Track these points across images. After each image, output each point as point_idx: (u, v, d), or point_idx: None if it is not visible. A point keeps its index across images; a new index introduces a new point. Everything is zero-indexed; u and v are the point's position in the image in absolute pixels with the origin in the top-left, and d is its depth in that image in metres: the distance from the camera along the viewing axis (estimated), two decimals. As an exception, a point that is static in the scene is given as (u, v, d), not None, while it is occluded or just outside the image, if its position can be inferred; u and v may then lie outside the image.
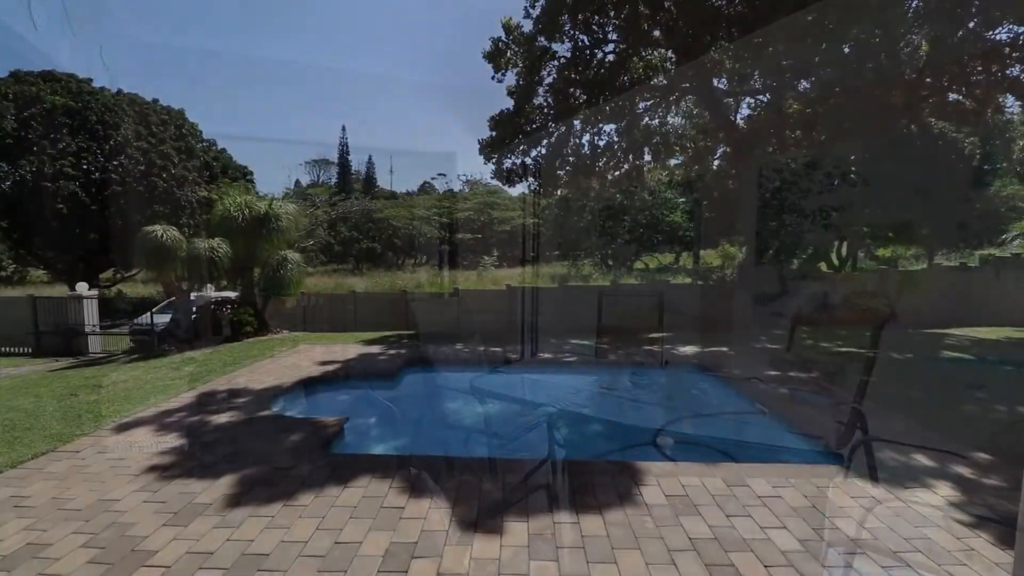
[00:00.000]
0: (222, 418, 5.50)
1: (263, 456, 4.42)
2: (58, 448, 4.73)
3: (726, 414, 6.22)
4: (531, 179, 13.82)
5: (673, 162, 20.41)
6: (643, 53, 15.46)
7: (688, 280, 29.11)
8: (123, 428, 5.29)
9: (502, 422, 6.10)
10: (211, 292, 16.56)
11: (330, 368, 7.74)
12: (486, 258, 42.40)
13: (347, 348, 9.55)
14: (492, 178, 14.07)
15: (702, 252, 32.09)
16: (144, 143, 31.73)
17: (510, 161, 13.62)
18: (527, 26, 13.58)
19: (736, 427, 5.75)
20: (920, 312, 15.41)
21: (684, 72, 14.29)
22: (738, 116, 16.23)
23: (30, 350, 16.43)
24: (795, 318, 12.49)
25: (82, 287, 17.35)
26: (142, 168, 30.93)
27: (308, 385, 6.93)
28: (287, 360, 8.44)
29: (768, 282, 12.75)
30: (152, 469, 4.25)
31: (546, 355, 8.72)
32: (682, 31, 12.29)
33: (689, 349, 9.25)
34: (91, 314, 16.67)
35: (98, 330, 16.78)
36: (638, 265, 41.82)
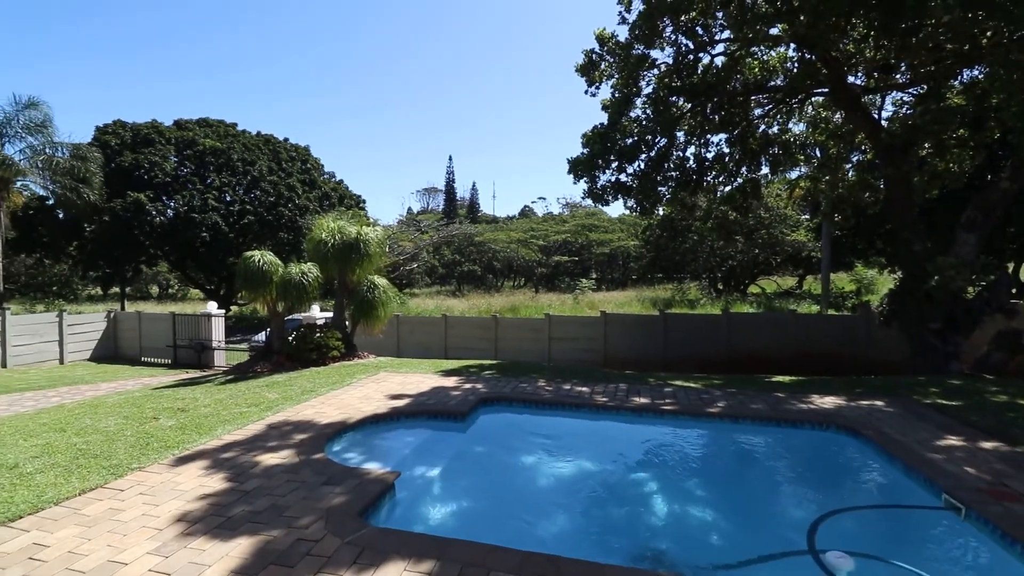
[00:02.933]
0: (273, 459, 5.05)
1: (292, 519, 3.79)
2: (108, 483, 4.52)
3: (898, 507, 4.55)
4: (627, 197, 12.63)
5: (795, 174, 18.03)
6: (758, 52, 13.75)
7: (815, 307, 25.52)
8: (180, 462, 5.03)
9: (572, 495, 4.94)
10: (317, 312, 17.30)
11: (400, 403, 7.17)
12: (583, 281, 41.21)
13: (425, 379, 9.01)
14: (583, 197, 13.09)
15: (831, 275, 28.11)
16: (275, 177, 35.42)
17: (604, 178, 12.57)
18: (622, 35, 12.65)
19: (919, 532, 4.11)
20: None
21: (810, 69, 12.34)
22: (881, 115, 13.75)
23: (169, 361, 18.35)
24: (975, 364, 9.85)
25: (211, 306, 19.08)
26: (272, 199, 34.47)
27: (372, 423, 6.37)
28: (361, 390, 8.05)
29: (930, 314, 10.25)
30: (179, 521, 3.80)
31: (642, 399, 7.43)
32: (807, 21, 10.52)
33: (830, 400, 7.43)
34: (219, 331, 18.23)
35: (223, 345, 18.32)
36: (753, 289, 37.91)
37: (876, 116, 12.97)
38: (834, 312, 21.97)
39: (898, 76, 13.01)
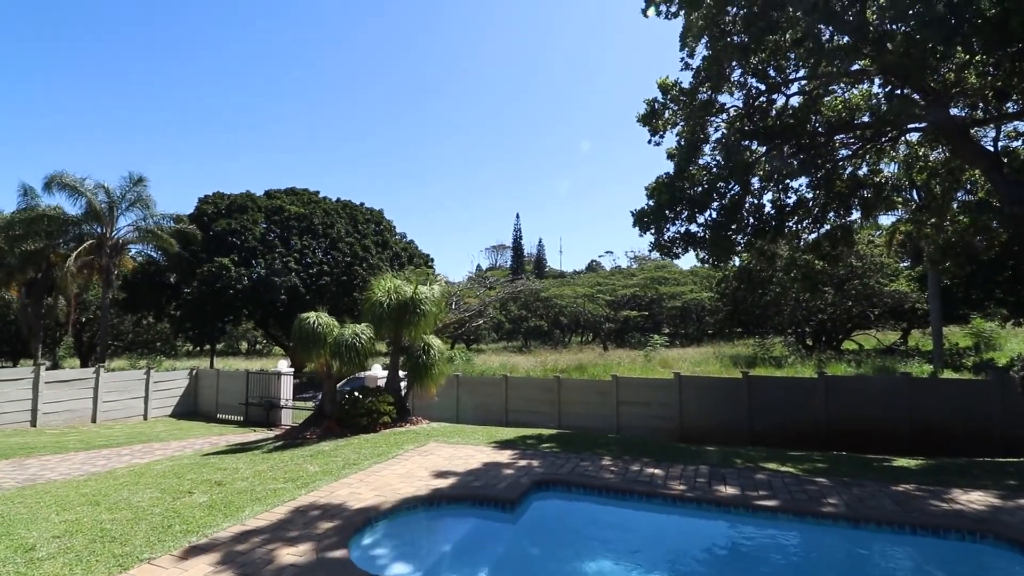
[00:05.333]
0: (288, 556, 4.41)
1: (284, 653, 3.08)
2: (111, 579, 4.07)
3: None
4: (698, 249, 11.61)
5: (890, 218, 16.18)
6: (838, 90, 12.66)
7: (927, 367, 22.21)
8: (192, 553, 4.52)
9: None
10: (379, 371, 17.11)
11: (443, 484, 6.39)
12: (655, 337, 39.05)
13: (476, 452, 8.21)
14: (650, 250, 12.21)
15: (943, 329, 24.59)
16: (351, 239, 37.34)
17: (672, 230, 11.68)
18: (686, 81, 12.07)
19: None
20: None
21: (905, 102, 11.05)
22: (997, 147, 12.00)
23: (242, 419, 18.76)
24: None
25: (282, 365, 19.54)
26: (348, 259, 36.18)
27: (407, 510, 5.62)
28: (405, 465, 7.38)
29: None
30: (161, 645, 3.21)
31: (730, 489, 6.18)
32: (902, 51, 9.42)
33: (977, 497, 5.81)
34: (287, 389, 18.53)
35: (289, 404, 18.54)
36: (848, 345, 34.10)
37: (992, 148, 11.30)
38: (952, 373, 18.93)
39: (1008, 105, 11.39)
